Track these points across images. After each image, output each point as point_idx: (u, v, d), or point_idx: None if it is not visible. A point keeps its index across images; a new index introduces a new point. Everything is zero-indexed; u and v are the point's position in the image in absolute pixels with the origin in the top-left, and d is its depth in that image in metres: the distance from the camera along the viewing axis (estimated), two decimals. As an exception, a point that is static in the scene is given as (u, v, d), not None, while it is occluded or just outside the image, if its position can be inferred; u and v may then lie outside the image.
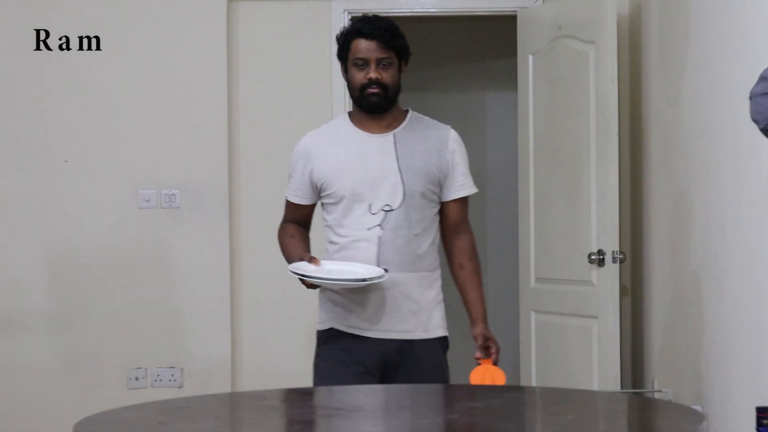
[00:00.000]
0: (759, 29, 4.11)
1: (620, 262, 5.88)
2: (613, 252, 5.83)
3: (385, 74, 4.13)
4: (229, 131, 6.55)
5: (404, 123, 4.26)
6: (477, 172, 4.62)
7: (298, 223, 4.38)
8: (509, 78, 6.84)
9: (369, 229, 4.12)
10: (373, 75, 4.12)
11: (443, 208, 4.26)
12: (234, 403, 2.76)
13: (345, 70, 4.25)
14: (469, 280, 4.26)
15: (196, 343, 6.51)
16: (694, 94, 5.07)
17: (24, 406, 6.43)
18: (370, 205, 4.13)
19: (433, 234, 4.24)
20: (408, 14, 6.70)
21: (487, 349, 4.06)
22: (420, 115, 4.33)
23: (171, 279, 6.55)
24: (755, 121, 3.63)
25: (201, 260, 6.52)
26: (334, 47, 6.48)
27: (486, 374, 3.98)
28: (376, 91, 4.13)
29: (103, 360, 6.52)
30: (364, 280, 3.98)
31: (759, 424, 3.67)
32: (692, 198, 5.09)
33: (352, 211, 4.15)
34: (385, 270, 4.06)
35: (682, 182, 5.29)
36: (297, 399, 2.50)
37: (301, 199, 4.32)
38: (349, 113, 4.34)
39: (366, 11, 6.63)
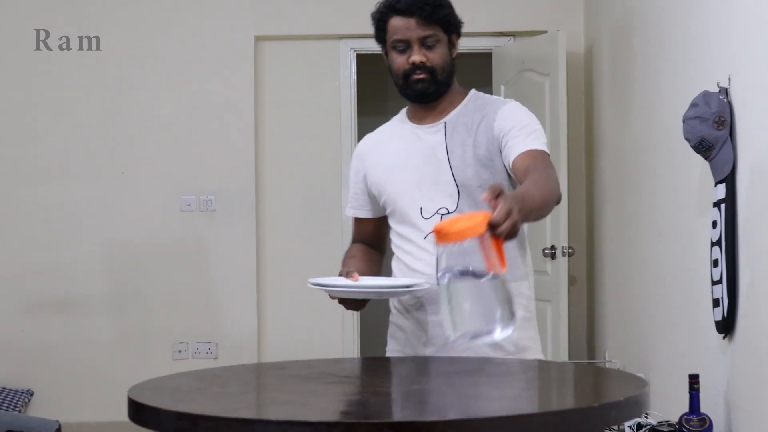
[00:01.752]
0: (690, 65, 4.12)
1: (569, 256, 5.87)
2: (563, 247, 5.83)
3: (431, 55, 2.82)
4: (256, 148, 6.56)
5: (459, 107, 2.89)
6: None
7: (364, 243, 3.06)
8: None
9: (425, 237, 2.80)
10: (416, 58, 2.82)
11: (513, 175, 2.78)
12: (259, 371, 2.76)
13: (386, 54, 2.94)
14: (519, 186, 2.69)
15: (228, 322, 6.52)
16: (638, 116, 5.07)
17: (87, 373, 6.45)
18: (421, 209, 2.83)
19: (516, 242, 2.80)
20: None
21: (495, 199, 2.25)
22: (483, 95, 2.97)
23: (207, 269, 6.56)
24: (687, 139, 3.64)
25: (232, 253, 6.52)
26: (343, 79, 6.60)
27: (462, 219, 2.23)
28: (421, 76, 2.83)
29: (152, 336, 6.52)
30: (391, 288, 2.73)
31: (691, 388, 3.68)
32: (636, 202, 5.10)
33: (406, 218, 2.87)
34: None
35: (628, 189, 5.30)
36: (310, 368, 2.49)
37: (359, 210, 3.03)
38: (406, 110, 3.02)
39: (370, 51, 6.69)
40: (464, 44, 7.45)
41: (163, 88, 6.55)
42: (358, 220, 3.04)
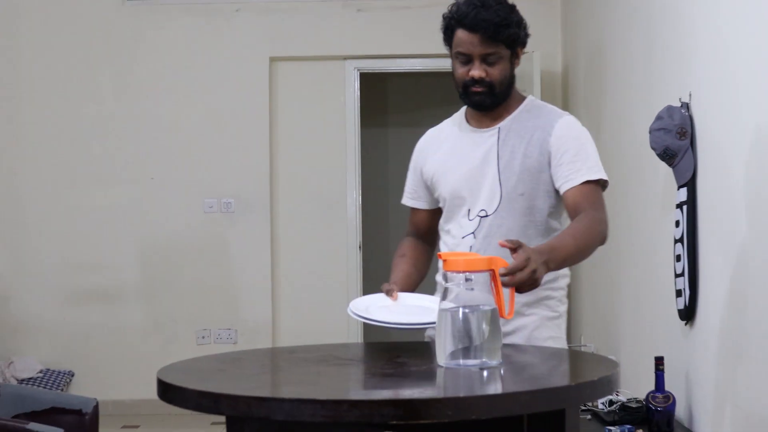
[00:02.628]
0: (655, 83, 4.12)
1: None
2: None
3: (492, 70, 2.61)
4: (270, 156, 6.56)
5: (514, 113, 2.70)
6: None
7: (417, 235, 2.88)
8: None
9: (464, 237, 2.66)
10: (475, 73, 2.61)
11: (564, 204, 2.67)
12: (273, 355, 2.75)
13: (450, 56, 2.70)
14: (559, 233, 2.62)
15: (246, 311, 6.52)
16: (610, 127, 5.07)
17: (122, 356, 6.45)
18: (469, 210, 2.67)
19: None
20: (406, 70, 6.72)
21: (514, 252, 2.24)
22: (539, 103, 2.77)
23: (227, 264, 6.55)
24: (653, 148, 3.64)
25: (249, 250, 6.52)
26: (347, 95, 6.59)
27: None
28: (480, 89, 2.63)
29: (178, 323, 6.52)
30: (422, 325, 2.43)
31: (657, 369, 3.67)
32: (608, 203, 5.08)
33: (454, 215, 2.71)
34: None
35: (601, 193, 5.30)
36: (319, 351, 2.49)
37: (415, 201, 2.86)
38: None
39: (372, 70, 6.68)
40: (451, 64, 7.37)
41: (188, 103, 6.55)
42: (413, 210, 2.87)
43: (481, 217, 2.64)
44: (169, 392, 2.09)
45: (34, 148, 6.54)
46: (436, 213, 2.82)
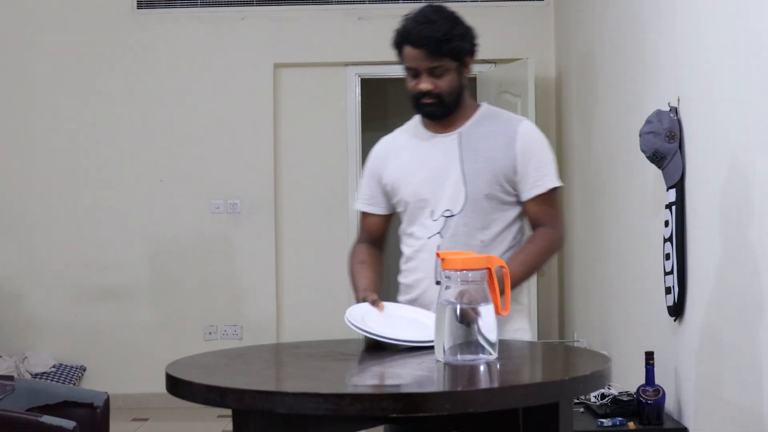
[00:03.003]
0: (645, 88, 4.12)
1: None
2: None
3: (440, 82, 2.63)
4: (275, 159, 6.56)
5: (472, 119, 2.73)
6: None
7: (370, 242, 2.86)
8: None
9: (429, 237, 2.66)
10: (423, 87, 2.63)
11: (524, 208, 2.70)
12: (278, 350, 2.75)
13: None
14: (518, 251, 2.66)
15: (251, 308, 6.52)
16: (601, 131, 5.07)
17: (131, 352, 6.44)
18: (432, 211, 2.67)
19: (508, 241, 2.68)
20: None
21: None
22: (494, 109, 2.81)
23: (233, 262, 6.55)
24: (643, 151, 3.64)
25: (254, 249, 6.52)
26: (349, 100, 6.59)
27: None
28: (429, 101, 2.65)
29: (186, 319, 6.52)
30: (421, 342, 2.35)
31: (647, 363, 3.67)
32: (600, 204, 5.10)
33: (417, 217, 2.71)
34: None
35: (593, 194, 5.29)
36: (321, 347, 2.49)
37: (372, 207, 2.83)
38: None
39: (372, 76, 6.68)
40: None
41: (196, 107, 6.55)
42: (367, 215, 2.85)
43: (446, 216, 2.65)
44: (177, 386, 2.09)
45: (46, 151, 6.54)
46: (389, 219, 2.84)
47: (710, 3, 3.31)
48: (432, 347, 2.22)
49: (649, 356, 3.65)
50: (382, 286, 2.77)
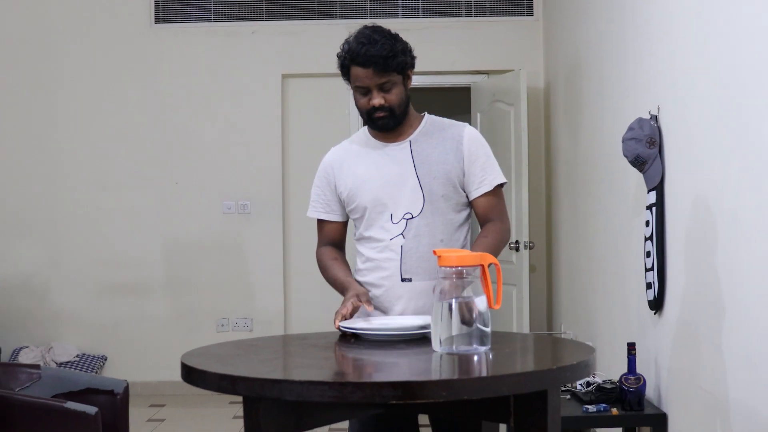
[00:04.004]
0: (627, 97, 4.12)
1: (530, 249, 5.86)
2: (525, 242, 5.82)
3: (389, 96, 2.68)
4: (282, 163, 6.56)
5: (419, 128, 2.77)
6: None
7: (333, 245, 2.90)
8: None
9: (392, 239, 2.69)
10: (376, 102, 2.67)
11: (472, 206, 2.77)
12: (286, 341, 2.75)
13: (350, 88, 2.77)
14: (473, 246, 2.70)
15: (261, 302, 6.52)
16: (586, 137, 5.07)
17: (148, 343, 6.45)
18: (391, 215, 2.70)
19: (462, 238, 2.75)
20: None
21: None
22: (437, 118, 2.85)
23: (244, 259, 6.55)
24: (625, 156, 3.64)
25: (264, 247, 6.52)
26: (352, 108, 6.60)
27: None
28: (382, 115, 2.69)
29: (200, 313, 6.52)
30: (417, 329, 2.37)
31: (629, 354, 3.67)
32: (585, 205, 5.09)
33: (375, 221, 2.73)
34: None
35: (578, 195, 5.29)
36: (326, 339, 2.49)
37: (329, 214, 2.86)
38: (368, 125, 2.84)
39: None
40: (448, 80, 7.42)
41: (209, 115, 6.56)
42: (325, 223, 2.86)
43: (407, 219, 2.68)
44: (191, 375, 2.09)
45: (70, 156, 6.54)
46: (345, 226, 2.86)
47: (688, 19, 3.31)
48: (424, 338, 2.25)
49: (631, 347, 3.65)
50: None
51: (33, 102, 6.51)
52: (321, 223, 2.88)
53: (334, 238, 2.88)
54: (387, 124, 2.71)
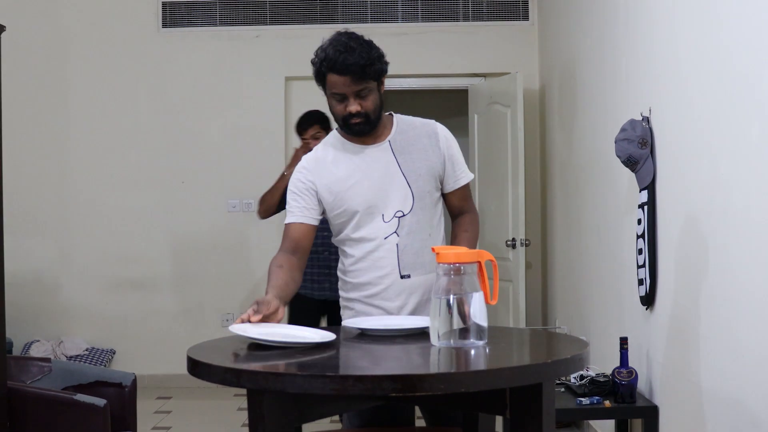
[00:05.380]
0: (620, 99, 4.11)
1: (526, 246, 5.85)
2: (521, 239, 5.81)
3: (365, 102, 2.63)
4: (286, 163, 6.54)
5: (394, 128, 2.74)
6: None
7: (293, 251, 2.69)
8: (463, 127, 6.84)
9: (386, 237, 2.64)
10: (352, 108, 2.62)
11: (446, 199, 2.78)
12: (289, 335, 2.73)
13: (325, 94, 2.72)
14: (457, 241, 2.75)
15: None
16: (580, 138, 5.06)
17: (155, 337, 6.44)
18: (383, 215, 2.66)
19: (442, 230, 2.78)
20: (405, 88, 6.70)
21: None
22: (404, 117, 2.82)
23: (248, 256, 6.55)
24: (618, 156, 3.63)
25: (267, 244, 6.49)
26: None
27: None
28: (358, 121, 2.64)
29: (205, 308, 6.51)
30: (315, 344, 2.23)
31: (621, 348, 3.67)
32: (579, 204, 5.09)
33: (366, 223, 2.67)
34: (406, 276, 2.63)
35: (573, 194, 5.29)
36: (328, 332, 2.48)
37: (307, 219, 2.69)
38: (338, 128, 2.77)
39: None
40: (446, 83, 7.41)
41: (214, 116, 6.55)
42: (299, 227, 2.68)
43: (399, 217, 2.66)
44: (197, 368, 2.09)
45: (80, 156, 6.54)
46: (315, 230, 2.71)
47: (679, 24, 3.31)
48: (423, 333, 2.25)
49: (624, 341, 3.65)
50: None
51: (45, 103, 6.51)
52: (291, 227, 2.70)
53: (300, 243, 2.69)
54: (363, 130, 2.66)
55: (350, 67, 2.58)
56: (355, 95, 2.62)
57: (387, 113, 2.78)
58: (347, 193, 2.67)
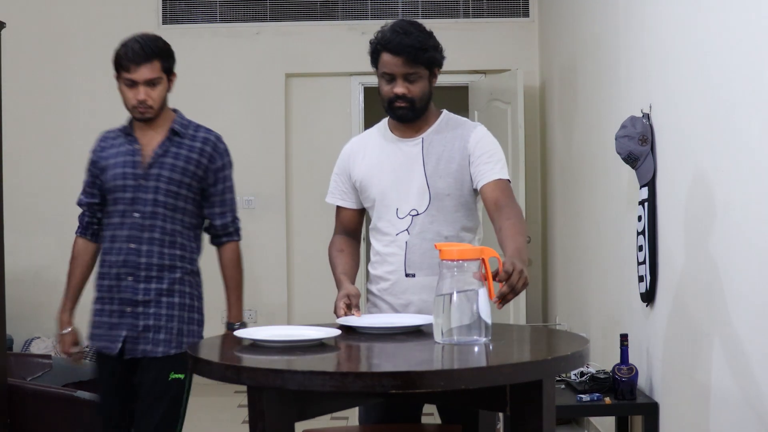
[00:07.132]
0: (620, 96, 4.11)
1: (527, 243, 5.82)
2: (522, 236, 5.80)
3: (413, 87, 2.61)
4: (286, 160, 6.55)
5: (434, 125, 2.70)
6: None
7: (346, 233, 2.84)
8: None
9: (397, 234, 2.66)
10: (399, 90, 2.61)
11: (481, 194, 2.65)
12: (289, 332, 2.73)
13: (377, 74, 2.69)
14: (504, 233, 2.56)
15: (265, 294, 6.51)
16: (580, 135, 5.06)
17: (156, 334, 6.44)
18: (397, 210, 2.66)
19: (470, 236, 2.73)
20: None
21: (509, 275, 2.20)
22: (454, 116, 2.75)
23: (248, 253, 6.48)
24: (619, 153, 3.63)
25: (267, 241, 6.52)
26: (353, 107, 6.59)
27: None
28: (403, 104, 2.62)
29: (206, 305, 6.49)
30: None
31: (622, 344, 3.67)
32: (579, 201, 5.09)
33: (383, 215, 2.69)
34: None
35: (573, 191, 5.28)
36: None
37: (344, 201, 2.82)
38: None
39: (375, 85, 6.65)
40: (446, 79, 7.46)
41: (215, 112, 6.53)
42: (342, 209, 2.82)
43: (413, 215, 2.64)
44: (198, 365, 2.08)
45: (80, 153, 6.50)
46: (362, 213, 2.80)
47: (679, 21, 3.31)
48: (418, 330, 2.26)
49: (624, 338, 3.65)
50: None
51: (46, 100, 6.50)
52: (338, 209, 2.84)
53: (348, 225, 2.82)
54: (406, 115, 2.64)
55: (405, 48, 2.57)
56: (404, 77, 2.60)
57: (439, 110, 2.74)
58: (370, 181, 2.71)
